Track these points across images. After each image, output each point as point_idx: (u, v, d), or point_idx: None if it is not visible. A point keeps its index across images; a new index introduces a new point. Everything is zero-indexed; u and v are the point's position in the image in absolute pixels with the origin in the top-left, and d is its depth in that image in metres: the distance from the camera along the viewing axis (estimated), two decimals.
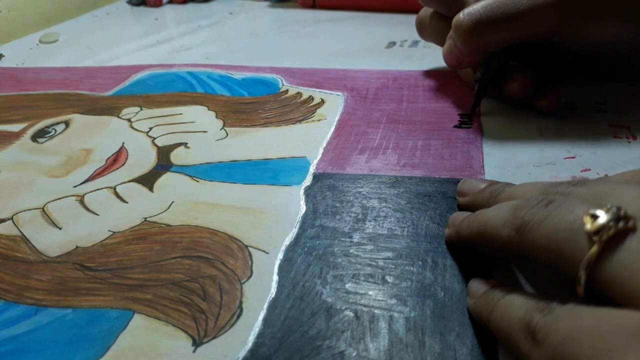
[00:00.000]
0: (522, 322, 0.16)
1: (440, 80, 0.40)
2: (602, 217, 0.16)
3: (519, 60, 0.35)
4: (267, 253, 0.24)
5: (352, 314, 0.20)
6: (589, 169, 0.28)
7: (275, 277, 0.22)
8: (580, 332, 0.14)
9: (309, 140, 0.33)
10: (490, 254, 0.22)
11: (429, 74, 0.42)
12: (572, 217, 0.16)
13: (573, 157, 0.29)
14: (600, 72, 0.38)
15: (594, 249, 0.15)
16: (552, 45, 0.33)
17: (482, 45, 0.32)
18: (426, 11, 0.40)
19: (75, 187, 0.30)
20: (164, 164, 0.32)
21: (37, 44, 0.58)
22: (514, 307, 0.17)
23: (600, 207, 0.16)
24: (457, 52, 0.33)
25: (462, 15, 0.31)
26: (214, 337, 0.20)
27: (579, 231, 0.16)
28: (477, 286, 0.20)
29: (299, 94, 0.39)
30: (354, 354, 0.19)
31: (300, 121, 0.35)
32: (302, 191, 0.28)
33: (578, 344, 0.14)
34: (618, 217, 0.15)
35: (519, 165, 0.29)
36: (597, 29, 0.30)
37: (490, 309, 0.18)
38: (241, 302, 0.21)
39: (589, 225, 0.16)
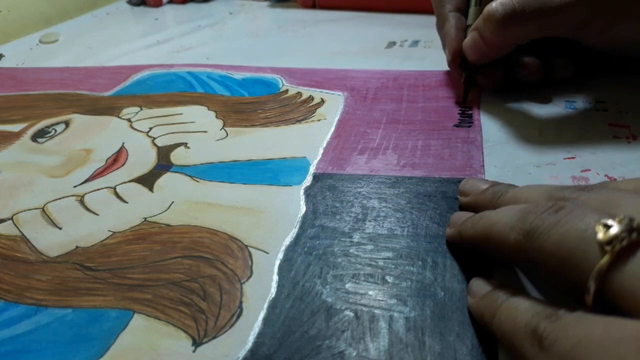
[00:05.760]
0: (528, 327, 0.16)
1: (441, 80, 0.40)
2: (615, 227, 0.15)
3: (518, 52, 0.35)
4: (267, 253, 0.24)
5: (352, 314, 0.20)
6: (589, 169, 0.28)
7: (275, 277, 0.22)
8: (590, 340, 0.14)
9: (309, 141, 0.33)
10: (491, 257, 0.22)
11: (429, 74, 0.42)
12: (584, 225, 0.16)
13: (573, 158, 0.29)
14: (612, 66, 0.38)
15: (606, 259, 0.15)
16: (574, 42, 0.33)
17: (512, 37, 0.32)
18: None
19: (75, 187, 0.30)
20: (164, 164, 0.32)
21: (37, 44, 0.58)
22: (519, 311, 0.17)
23: (612, 216, 0.16)
24: (482, 45, 0.33)
25: (494, 5, 0.31)
26: (214, 337, 0.20)
27: (591, 240, 0.16)
28: (479, 286, 0.20)
29: (299, 94, 0.39)
30: (354, 353, 0.19)
31: (300, 121, 0.35)
32: (302, 191, 0.28)
33: (588, 352, 0.14)
34: (631, 228, 0.15)
35: (519, 165, 0.29)
36: (624, 29, 0.31)
37: (493, 310, 0.18)
38: (241, 302, 0.21)
39: (601, 235, 0.16)
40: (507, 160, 0.30)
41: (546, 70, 0.36)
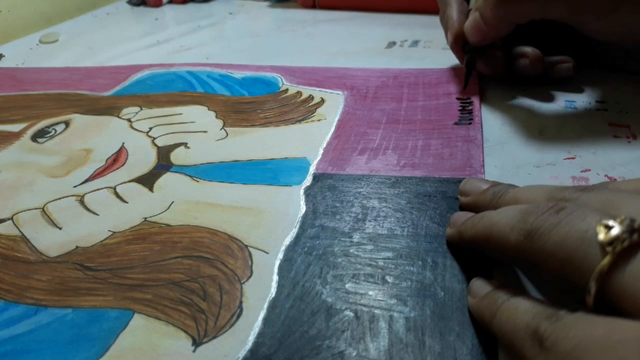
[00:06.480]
0: (528, 327, 0.16)
1: (441, 77, 0.40)
2: (616, 228, 0.15)
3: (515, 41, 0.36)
4: (267, 253, 0.24)
5: (352, 314, 0.20)
6: (589, 169, 0.28)
7: (275, 277, 0.22)
8: (591, 341, 0.14)
9: (309, 141, 0.33)
10: (491, 257, 0.22)
11: (429, 71, 0.42)
12: (584, 226, 0.16)
13: (573, 158, 0.29)
14: (610, 63, 0.38)
15: (607, 259, 0.15)
16: (571, 28, 0.33)
17: (511, 15, 0.32)
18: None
19: (75, 187, 0.30)
20: (164, 164, 0.32)
21: (37, 44, 0.58)
22: (520, 312, 0.17)
23: (613, 217, 0.16)
24: (482, 25, 0.33)
25: None
26: (214, 337, 0.20)
27: (591, 241, 0.16)
28: (480, 286, 0.20)
29: (299, 93, 0.39)
30: (354, 353, 0.19)
31: (300, 121, 0.35)
32: (302, 191, 0.28)
33: (588, 352, 0.14)
34: (632, 229, 0.15)
35: (519, 166, 0.29)
36: (623, 15, 0.31)
37: (494, 310, 0.18)
38: (241, 302, 0.21)
39: (602, 236, 0.16)
40: (507, 160, 0.30)
41: (546, 68, 0.36)
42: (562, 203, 0.18)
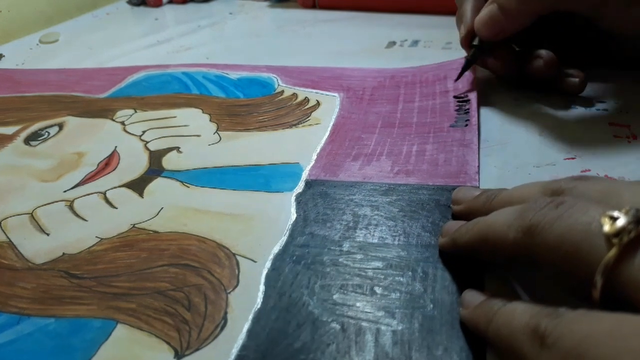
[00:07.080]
0: (527, 327, 0.15)
1: (438, 74, 0.39)
2: (622, 219, 0.15)
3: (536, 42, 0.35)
4: (255, 262, 0.23)
5: (338, 327, 0.20)
6: (589, 170, 0.28)
7: (262, 287, 0.22)
8: (598, 335, 0.13)
9: (303, 146, 0.32)
10: (487, 261, 0.21)
11: (427, 68, 0.41)
12: (588, 218, 0.16)
13: (573, 158, 0.29)
14: (620, 59, 0.37)
15: (613, 251, 0.15)
16: (592, 25, 0.33)
17: (535, 4, 0.31)
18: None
19: (65, 191, 0.30)
20: (155, 168, 0.31)
21: (37, 44, 0.58)
22: (517, 314, 0.16)
23: (618, 208, 0.15)
24: (500, 17, 0.32)
25: None
26: (197, 349, 0.20)
27: (596, 233, 0.15)
28: (473, 296, 0.19)
29: (295, 96, 0.39)
30: None
31: (294, 125, 0.35)
32: (293, 198, 0.27)
33: (596, 347, 0.13)
34: (638, 219, 0.15)
35: (519, 166, 0.29)
36: None
37: (489, 317, 0.17)
38: (226, 313, 0.21)
39: (607, 227, 0.15)
40: (507, 160, 0.29)
41: (557, 76, 0.35)
42: (560, 197, 0.17)
